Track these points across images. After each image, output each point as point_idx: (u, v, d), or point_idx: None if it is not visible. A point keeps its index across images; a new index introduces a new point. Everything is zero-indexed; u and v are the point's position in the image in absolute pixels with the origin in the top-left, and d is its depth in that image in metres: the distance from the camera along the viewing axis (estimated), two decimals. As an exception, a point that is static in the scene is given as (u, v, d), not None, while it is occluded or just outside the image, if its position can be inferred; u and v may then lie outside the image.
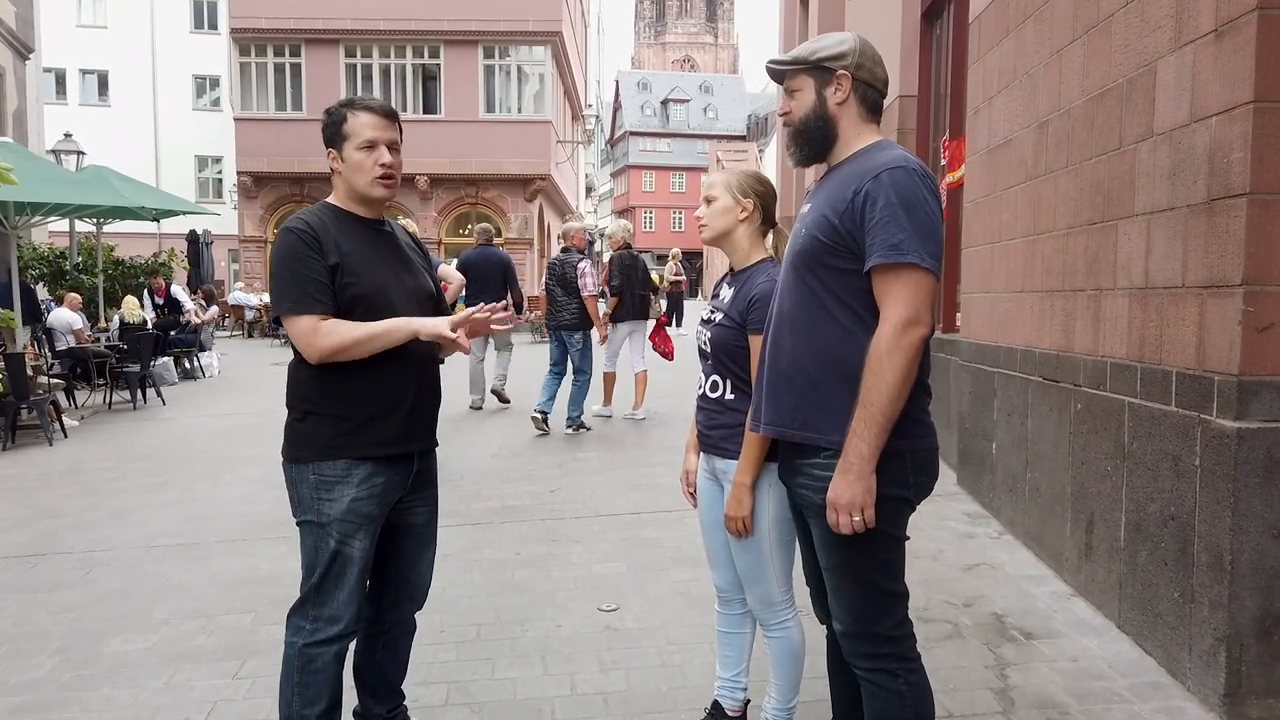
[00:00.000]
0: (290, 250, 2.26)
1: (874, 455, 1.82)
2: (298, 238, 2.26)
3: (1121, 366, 3.32)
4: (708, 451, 2.47)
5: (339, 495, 2.28)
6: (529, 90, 22.38)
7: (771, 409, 2.02)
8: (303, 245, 2.25)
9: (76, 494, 6.03)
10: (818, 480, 1.95)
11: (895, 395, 1.80)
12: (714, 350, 2.41)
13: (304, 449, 2.31)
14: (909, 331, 1.80)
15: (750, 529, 2.32)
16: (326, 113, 2.36)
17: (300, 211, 2.36)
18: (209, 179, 31.83)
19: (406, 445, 2.36)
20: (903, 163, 1.86)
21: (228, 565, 4.39)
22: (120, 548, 4.76)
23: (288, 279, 2.25)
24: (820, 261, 1.93)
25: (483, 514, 5.14)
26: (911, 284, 1.81)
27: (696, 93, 73.07)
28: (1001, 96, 4.59)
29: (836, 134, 2.01)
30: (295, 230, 2.28)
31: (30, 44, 15.88)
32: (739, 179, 2.42)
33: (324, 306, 2.23)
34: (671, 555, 4.31)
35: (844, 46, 1.99)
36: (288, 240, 2.28)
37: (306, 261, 2.24)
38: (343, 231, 2.30)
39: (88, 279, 13.51)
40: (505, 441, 7.30)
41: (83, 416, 9.53)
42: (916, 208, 1.82)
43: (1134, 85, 3.25)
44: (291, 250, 2.26)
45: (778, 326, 2.03)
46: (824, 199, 1.96)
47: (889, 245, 1.80)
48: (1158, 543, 3.08)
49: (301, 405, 2.33)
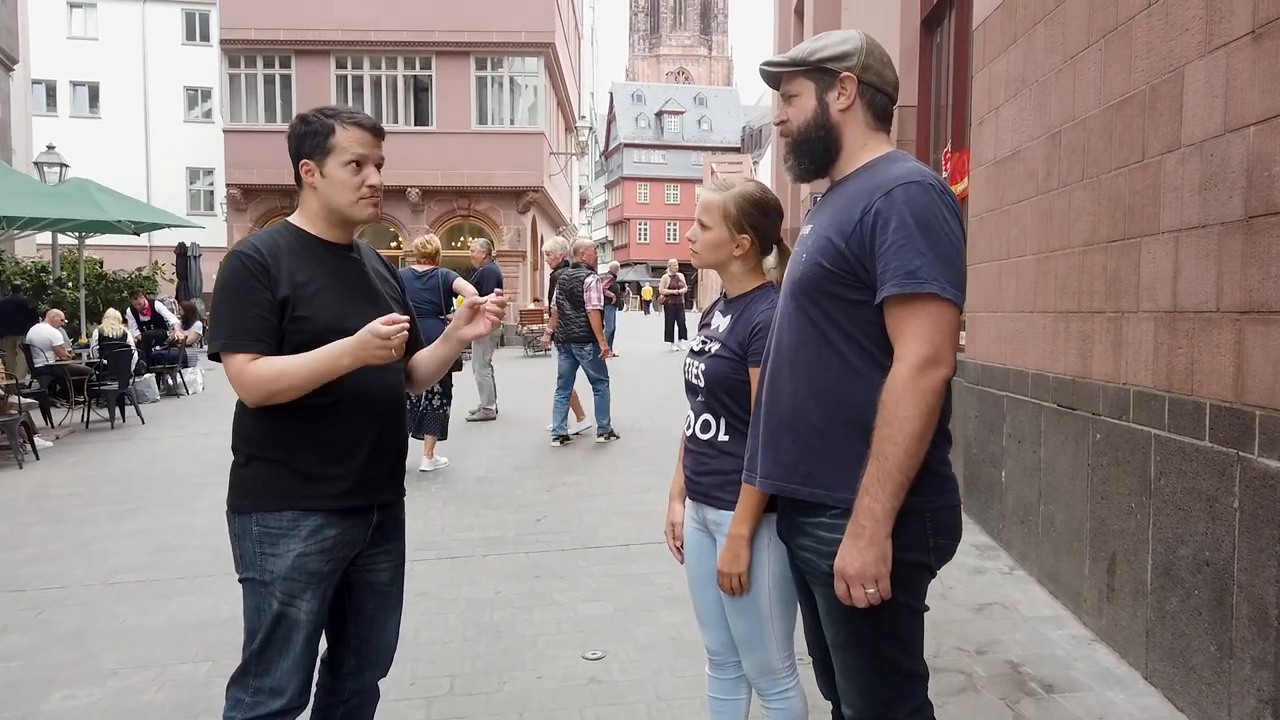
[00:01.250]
0: (232, 278, 2.00)
1: (889, 517, 1.56)
2: (242, 264, 2.00)
3: (1147, 395, 3.07)
4: (697, 500, 2.19)
5: (283, 550, 2.01)
6: (522, 102, 22.16)
7: (770, 460, 1.76)
8: (247, 273, 1.99)
9: (39, 523, 5.74)
10: (823, 543, 1.69)
11: (914, 447, 1.54)
12: (708, 385, 2.13)
13: (245, 497, 2.05)
14: (928, 372, 1.55)
15: (747, 587, 2.05)
16: (303, 120, 2.08)
17: (255, 233, 2.10)
18: (200, 191, 31.53)
19: (363, 498, 2.09)
20: (918, 177, 1.61)
21: (189, 605, 4.11)
22: (77, 584, 4.48)
23: (225, 311, 2.00)
24: (824, 291, 1.67)
25: (463, 546, 4.87)
26: (931, 317, 1.56)
27: (691, 105, 73.10)
28: (1009, 106, 4.36)
29: (840, 145, 1.75)
30: (242, 255, 2.02)
31: (14, 54, 15.61)
32: (737, 205, 2.11)
33: (260, 345, 1.97)
34: (662, 594, 4.04)
35: (848, 45, 1.73)
36: (231, 267, 2.01)
37: (248, 292, 1.98)
38: (300, 258, 2.05)
39: (69, 294, 13.23)
40: (491, 464, 7.03)
41: (57, 436, 9.23)
42: (935, 229, 1.57)
43: (1158, 92, 3.01)
44: (233, 278, 2.00)
45: (776, 364, 1.77)
46: (827, 219, 1.70)
47: (904, 273, 1.55)
48: (1190, 589, 2.82)
49: (245, 448, 2.07)
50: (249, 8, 20.51)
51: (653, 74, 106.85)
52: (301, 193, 2.13)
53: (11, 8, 15.50)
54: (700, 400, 2.17)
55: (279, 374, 1.95)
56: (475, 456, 7.30)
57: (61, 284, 13.59)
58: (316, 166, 2.07)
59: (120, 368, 10.11)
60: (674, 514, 2.33)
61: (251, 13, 20.50)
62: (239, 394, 2.00)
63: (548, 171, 22.79)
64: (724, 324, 2.16)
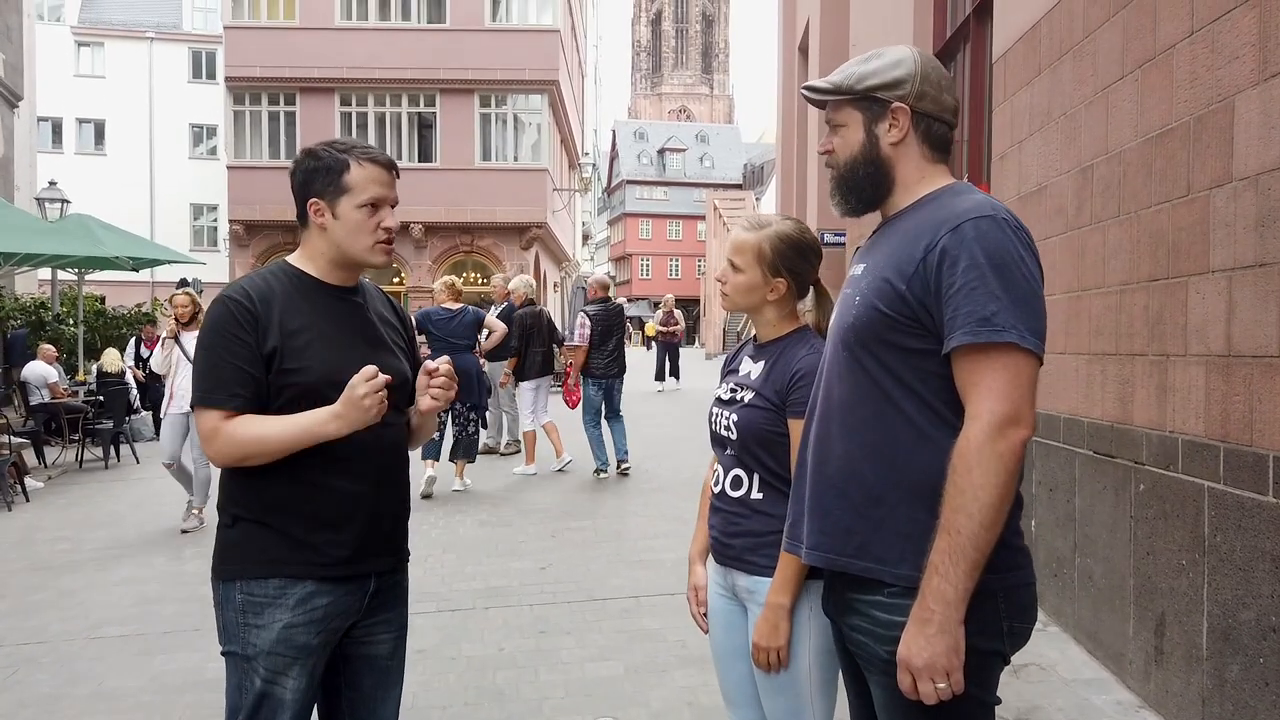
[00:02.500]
0: (215, 326, 1.81)
1: (963, 600, 1.35)
2: (228, 310, 1.81)
3: (1198, 445, 2.87)
4: (726, 564, 1.98)
5: (268, 620, 1.80)
6: (526, 139, 22.21)
7: (817, 529, 1.56)
8: (233, 321, 1.80)
9: (23, 570, 5.50)
10: (880, 625, 1.48)
11: (991, 519, 1.34)
12: (741, 437, 1.92)
13: (230, 562, 1.84)
14: (1007, 433, 1.35)
15: (785, 663, 1.84)
16: (311, 155, 1.89)
17: (248, 275, 1.91)
18: (204, 227, 31.58)
19: (358, 567, 1.88)
20: (989, 210, 1.42)
21: (172, 664, 3.87)
22: (57, 639, 4.24)
23: (203, 361, 1.81)
24: (880, 339, 1.48)
25: (464, 597, 4.64)
26: (1009, 370, 1.36)
27: (693, 142, 73.70)
28: (1034, 140, 4.21)
29: (893, 181, 1.57)
30: (228, 300, 1.83)
31: (19, 91, 15.64)
32: (773, 246, 1.91)
33: (236, 401, 1.78)
34: (676, 652, 3.80)
35: (900, 71, 1.54)
36: (216, 313, 1.83)
37: (231, 342, 1.79)
38: (294, 304, 1.85)
39: (68, 330, 13.08)
40: (494, 508, 6.80)
41: (50, 476, 9.01)
42: (1010, 269, 1.38)
43: (1204, 124, 2.85)
44: (216, 326, 1.81)
45: (825, 421, 1.57)
46: (885, 258, 1.51)
47: (977, 319, 1.36)
48: (1254, 657, 2.60)
49: (230, 508, 1.86)
50: (254, 46, 20.65)
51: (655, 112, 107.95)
52: (305, 232, 1.93)
53: (17, 45, 15.55)
54: (730, 454, 1.97)
55: (257, 438, 1.77)
56: (477, 499, 7.07)
57: (61, 320, 13.44)
58: (328, 207, 1.87)
59: (116, 406, 9.91)
60: (696, 577, 2.12)
61: (256, 51, 20.63)
62: (207, 454, 1.81)
63: (551, 208, 22.78)
64: (755, 370, 1.96)
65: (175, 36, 30.90)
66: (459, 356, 7.60)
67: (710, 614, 2.06)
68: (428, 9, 21.37)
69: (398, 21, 21.17)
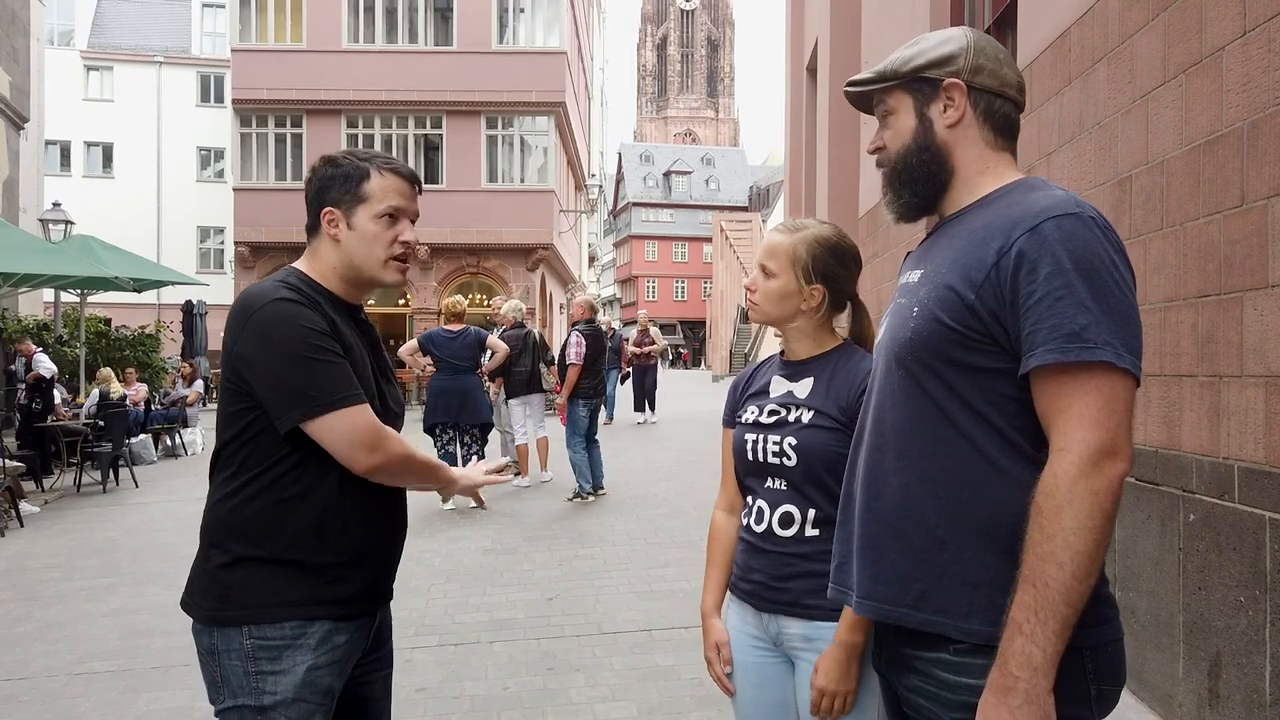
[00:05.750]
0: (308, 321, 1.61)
1: (1052, 665, 1.14)
2: (308, 309, 1.63)
3: (1258, 473, 2.66)
4: (775, 611, 1.73)
5: (288, 665, 1.62)
6: (532, 161, 22.14)
7: (870, 575, 1.35)
8: (320, 317, 1.64)
9: (10, 600, 5.30)
10: (944, 687, 1.28)
11: (1086, 569, 1.14)
12: (805, 463, 1.68)
13: (234, 605, 1.63)
14: (1103, 467, 1.15)
15: (849, 710, 1.63)
16: (330, 162, 1.74)
17: (267, 280, 1.69)
18: (210, 249, 31.58)
19: (370, 603, 1.75)
20: (1074, 208, 1.22)
21: (159, 702, 3.66)
22: (40, 675, 4.03)
23: (323, 364, 1.60)
24: (944, 356, 1.28)
25: (468, 630, 4.42)
26: (1103, 393, 1.16)
27: (698, 164, 73.86)
28: (1064, 151, 4.03)
29: (952, 170, 1.37)
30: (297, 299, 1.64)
31: (24, 113, 15.60)
32: (810, 250, 1.73)
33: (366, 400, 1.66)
34: (691, 692, 3.58)
35: (951, 46, 1.37)
36: (297, 313, 1.61)
37: (330, 338, 1.64)
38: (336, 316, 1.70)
39: (69, 351, 12.95)
40: (499, 533, 6.59)
41: (46, 501, 8.82)
42: (1102, 276, 1.18)
43: (1259, 129, 2.66)
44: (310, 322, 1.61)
45: (876, 450, 1.37)
46: (947, 263, 1.31)
47: (1064, 334, 1.17)
48: (1329, 706, 2.38)
49: (234, 545, 1.65)
50: (261, 68, 20.67)
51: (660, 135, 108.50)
52: (315, 243, 1.77)
53: (24, 68, 15.55)
54: (783, 488, 1.72)
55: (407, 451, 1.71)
56: (481, 525, 6.86)
57: (63, 342, 13.32)
58: (343, 216, 1.71)
59: (116, 429, 9.74)
60: (717, 633, 1.85)
61: (264, 73, 20.64)
62: (373, 459, 1.63)
63: (557, 229, 22.68)
64: (802, 388, 1.75)
65: (184, 60, 31.05)
66: (461, 377, 7.48)
67: (738, 671, 1.82)
68: (434, 31, 21.40)
69: (404, 44, 21.18)
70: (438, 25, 21.50)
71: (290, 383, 1.58)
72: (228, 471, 1.67)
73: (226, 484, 1.67)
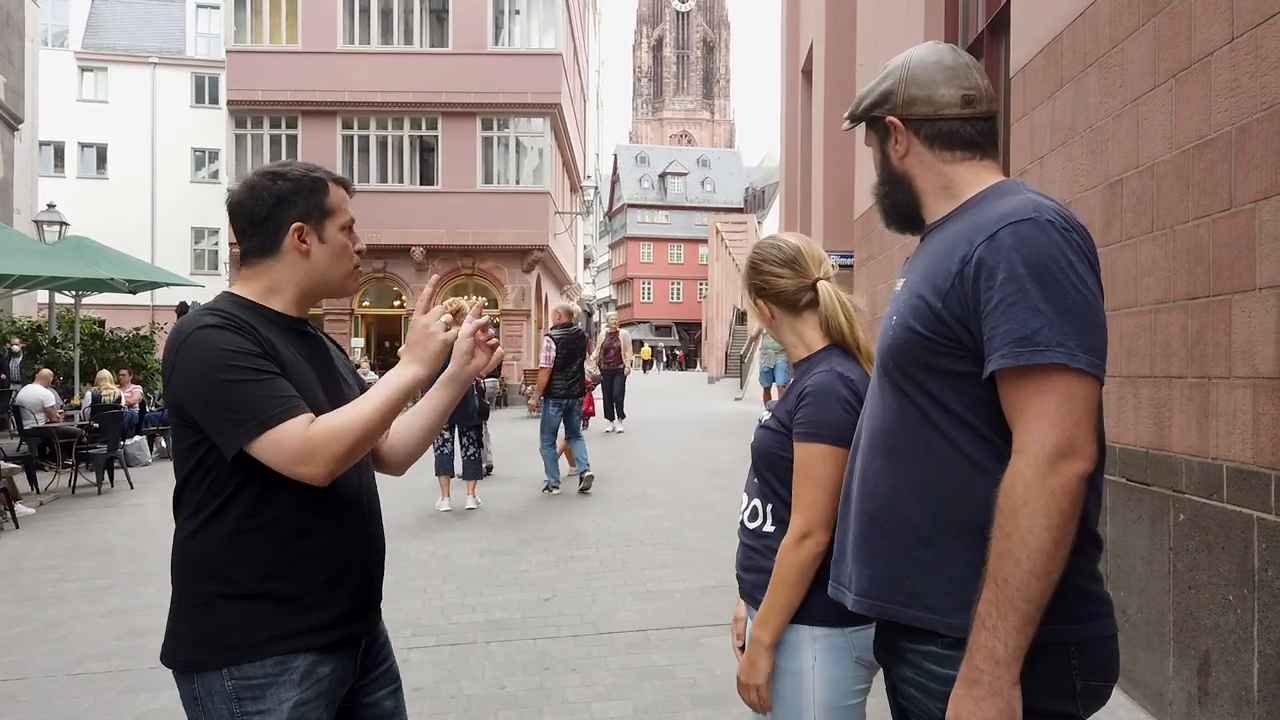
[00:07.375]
0: (228, 344, 1.54)
1: (1015, 658, 1.18)
2: (230, 331, 1.56)
3: (1246, 473, 2.70)
4: (744, 598, 1.90)
5: (273, 704, 1.57)
6: (527, 162, 22.17)
7: (866, 574, 1.39)
8: (243, 339, 1.56)
9: (7, 601, 5.31)
10: (932, 679, 1.32)
11: (1044, 566, 1.17)
12: (754, 459, 1.86)
13: (212, 649, 1.57)
14: (1059, 467, 1.18)
15: (767, 707, 1.72)
16: (279, 176, 1.67)
17: (198, 309, 1.64)
18: (205, 250, 31.54)
19: (353, 626, 1.68)
20: (1031, 212, 1.25)
21: (157, 703, 3.68)
22: (38, 675, 4.05)
23: (241, 384, 1.52)
24: (920, 362, 1.32)
25: (464, 630, 4.44)
26: (1058, 394, 1.19)
27: (694, 166, 73.96)
28: (1056, 155, 4.07)
29: (917, 192, 1.46)
30: (219, 324, 1.56)
31: (19, 114, 15.61)
32: (744, 277, 1.90)
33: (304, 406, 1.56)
34: (687, 691, 3.61)
35: (887, 83, 1.46)
36: (217, 338, 1.55)
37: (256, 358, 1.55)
38: (272, 334, 1.62)
39: (64, 353, 12.95)
40: (496, 534, 6.61)
41: (41, 502, 8.82)
42: (1055, 277, 1.21)
43: (1247, 134, 2.70)
44: (230, 344, 1.54)
45: (868, 453, 1.41)
46: (920, 273, 1.36)
47: (1017, 338, 1.20)
48: (1315, 702, 2.41)
49: (204, 586, 1.58)
50: (256, 69, 20.66)
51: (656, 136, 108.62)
52: (262, 262, 1.68)
53: (18, 69, 15.54)
54: (753, 481, 1.88)
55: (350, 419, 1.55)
56: (477, 526, 6.88)
57: (57, 344, 13.31)
58: (313, 231, 1.66)
59: (111, 430, 9.74)
60: (740, 607, 2.01)
61: (258, 74, 20.64)
62: (312, 469, 1.52)
63: (552, 231, 22.71)
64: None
65: (178, 61, 31.01)
66: None
67: None
68: (430, 33, 21.42)
69: (400, 45, 21.20)
70: (433, 27, 21.52)
71: (222, 409, 1.53)
72: (190, 508, 1.61)
73: (190, 520, 1.61)
